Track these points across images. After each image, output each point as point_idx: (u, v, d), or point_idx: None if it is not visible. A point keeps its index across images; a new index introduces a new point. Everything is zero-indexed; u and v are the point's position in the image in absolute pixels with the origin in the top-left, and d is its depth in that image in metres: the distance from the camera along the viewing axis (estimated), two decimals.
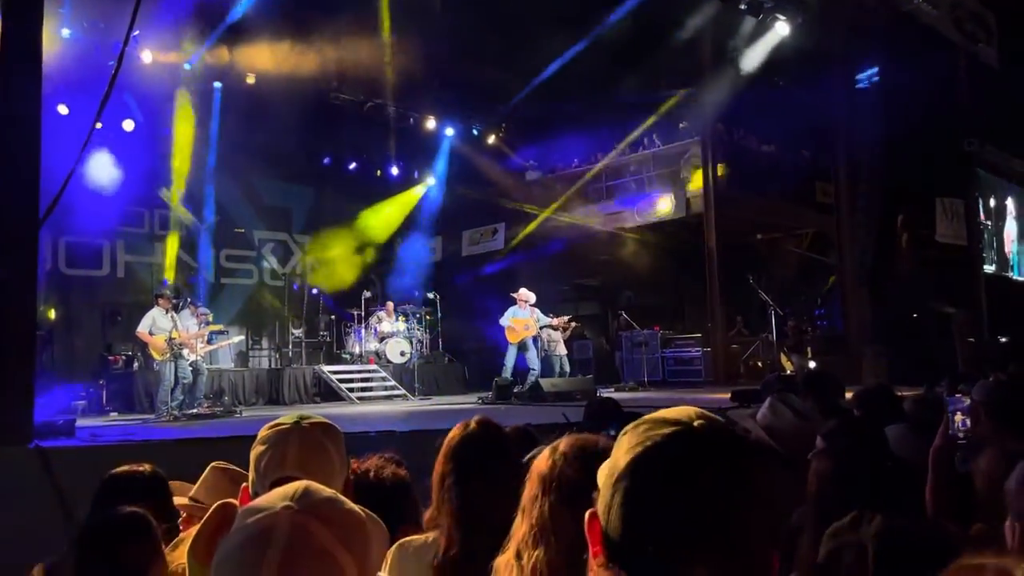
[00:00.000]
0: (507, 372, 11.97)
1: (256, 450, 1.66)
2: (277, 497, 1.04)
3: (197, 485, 2.68)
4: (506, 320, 12.08)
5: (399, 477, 2.45)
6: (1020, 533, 1.49)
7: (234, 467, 2.64)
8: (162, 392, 9.82)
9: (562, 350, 12.80)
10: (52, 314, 13.11)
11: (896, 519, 1.41)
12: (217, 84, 13.89)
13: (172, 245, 14.63)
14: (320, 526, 1.00)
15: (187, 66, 13.34)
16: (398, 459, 2.67)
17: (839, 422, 2.31)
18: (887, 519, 1.40)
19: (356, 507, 1.07)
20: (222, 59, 13.60)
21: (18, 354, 5.59)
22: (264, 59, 13.61)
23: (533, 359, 11.95)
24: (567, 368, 12.75)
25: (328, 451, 1.67)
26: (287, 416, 1.73)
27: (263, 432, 1.70)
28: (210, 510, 1.63)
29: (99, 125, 10.18)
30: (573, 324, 13.25)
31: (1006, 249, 18.68)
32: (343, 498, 1.08)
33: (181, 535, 2.22)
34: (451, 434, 2.12)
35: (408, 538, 2.04)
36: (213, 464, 2.72)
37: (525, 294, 12.20)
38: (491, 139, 17.71)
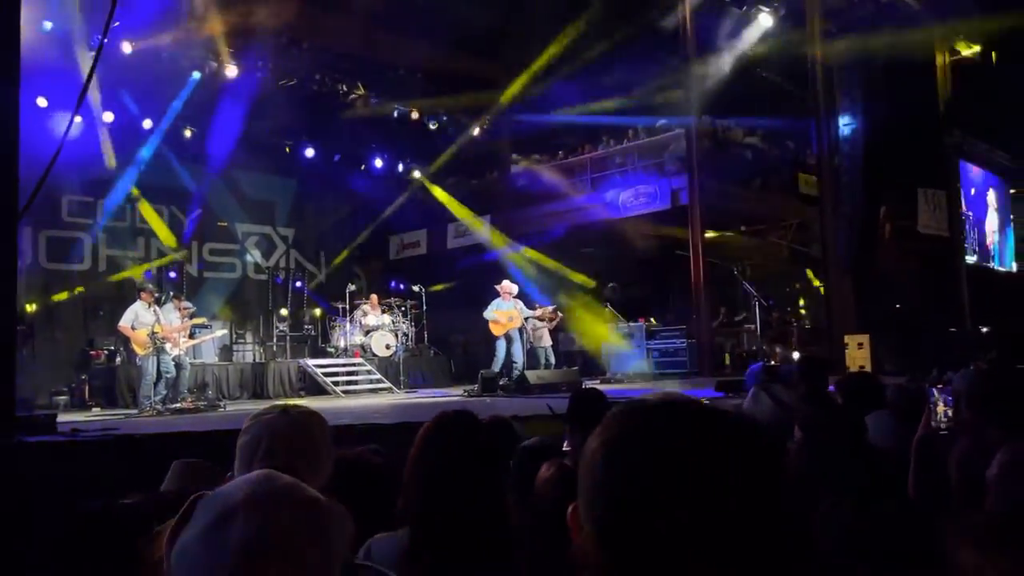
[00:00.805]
0: (497, 365, 11.97)
1: (242, 439, 1.67)
2: (237, 485, 1.04)
3: (165, 482, 2.67)
4: (490, 313, 12.07)
5: (383, 465, 2.46)
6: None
7: (198, 461, 2.64)
8: (145, 387, 9.76)
9: (547, 341, 12.79)
10: (32, 308, 12.99)
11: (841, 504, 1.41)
12: (196, 75, 13.75)
13: None
14: (281, 512, 1.00)
15: (165, 56, 13.19)
16: (380, 451, 2.67)
17: (817, 413, 2.32)
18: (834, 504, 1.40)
19: (317, 493, 1.07)
20: (202, 49, 13.44)
21: None
22: (245, 50, 13.49)
23: (518, 352, 11.95)
24: (552, 360, 12.75)
25: (315, 438, 1.68)
26: (272, 406, 1.73)
27: (249, 421, 1.71)
28: (187, 501, 1.62)
29: (79, 119, 10.14)
30: (559, 315, 13.25)
31: (987, 240, 18.85)
32: (304, 484, 1.07)
33: (159, 527, 2.20)
34: (425, 425, 2.11)
35: (378, 535, 2.04)
36: (176, 461, 2.71)
37: (508, 286, 12.20)
38: (476, 131, 17.67)
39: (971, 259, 17.55)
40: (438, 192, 17.81)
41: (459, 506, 1.87)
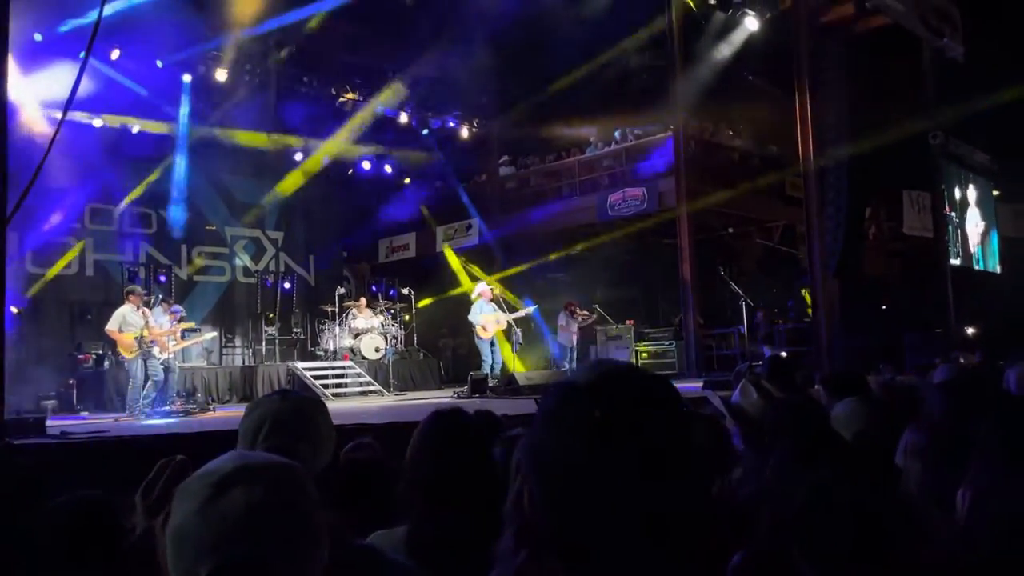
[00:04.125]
0: (487, 367, 12.05)
1: (244, 422, 1.73)
2: (221, 461, 1.07)
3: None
4: (476, 316, 12.14)
5: (375, 460, 2.50)
6: (970, 499, 1.58)
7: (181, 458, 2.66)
8: (132, 390, 9.75)
9: (573, 340, 13.08)
10: (20, 313, 12.93)
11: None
12: (187, 78, 13.75)
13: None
14: (279, 477, 1.05)
15: (159, 63, 13.22)
16: (373, 443, 2.72)
17: (792, 407, 2.39)
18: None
19: (293, 463, 1.12)
20: (192, 53, 13.46)
21: None
22: (234, 53, 13.50)
23: (498, 353, 12.14)
24: (574, 360, 12.96)
25: (316, 422, 1.74)
26: (274, 391, 1.79)
27: (251, 405, 1.77)
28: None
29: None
30: (593, 315, 13.55)
31: (971, 242, 19.01)
32: (278, 457, 1.12)
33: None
34: (421, 423, 2.16)
35: (378, 531, 2.08)
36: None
37: (485, 290, 12.34)
38: (465, 134, 17.73)
39: (955, 261, 17.69)
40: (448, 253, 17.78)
41: (458, 496, 1.92)
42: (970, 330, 16.17)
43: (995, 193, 20.73)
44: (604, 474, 0.81)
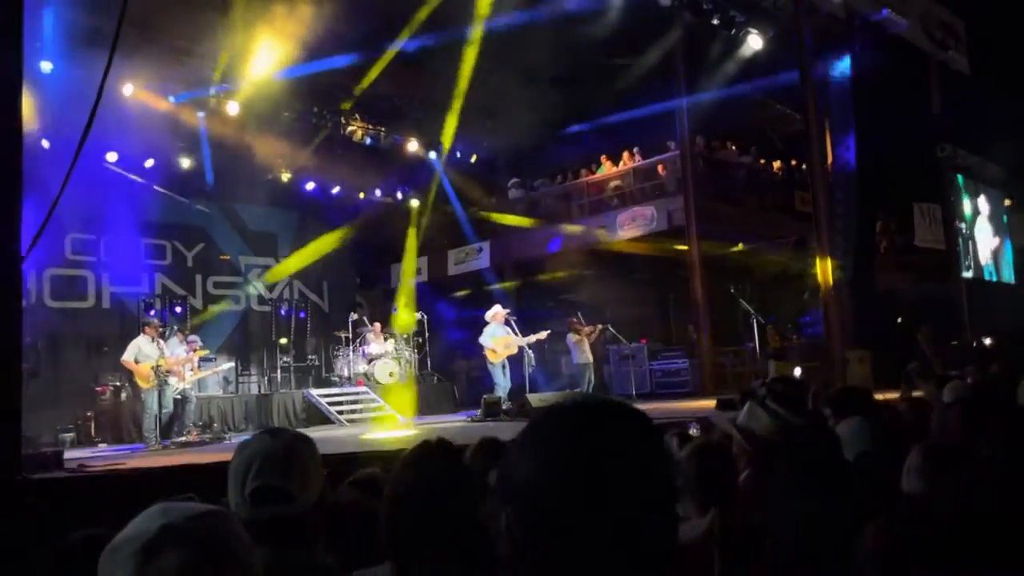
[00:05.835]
0: (499, 391, 12.02)
1: (234, 462, 1.75)
2: (141, 523, 1.06)
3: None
4: (487, 340, 12.12)
5: (363, 506, 2.47)
6: None
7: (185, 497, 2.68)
8: (148, 421, 9.81)
9: (589, 358, 12.93)
10: (38, 346, 13.04)
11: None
12: (200, 113, 13.94)
13: None
14: (207, 528, 1.05)
15: (171, 98, 13.41)
16: (376, 477, 2.71)
17: (794, 430, 2.38)
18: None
19: (219, 508, 1.13)
20: (203, 87, 13.62)
21: (4, 387, 5.59)
22: (246, 85, 13.64)
23: (508, 377, 12.12)
24: (592, 378, 12.78)
25: (303, 459, 1.76)
26: (262, 430, 1.82)
27: (240, 445, 1.80)
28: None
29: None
30: (599, 327, 13.41)
31: (980, 253, 18.90)
32: (202, 505, 1.12)
33: None
34: (401, 458, 2.04)
35: (360, 570, 2.00)
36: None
37: (499, 313, 12.30)
38: (473, 158, 17.83)
39: (967, 274, 17.59)
40: None
41: (441, 534, 1.80)
42: (987, 340, 16.02)
43: (1007, 203, 20.62)
44: (583, 503, 0.83)
